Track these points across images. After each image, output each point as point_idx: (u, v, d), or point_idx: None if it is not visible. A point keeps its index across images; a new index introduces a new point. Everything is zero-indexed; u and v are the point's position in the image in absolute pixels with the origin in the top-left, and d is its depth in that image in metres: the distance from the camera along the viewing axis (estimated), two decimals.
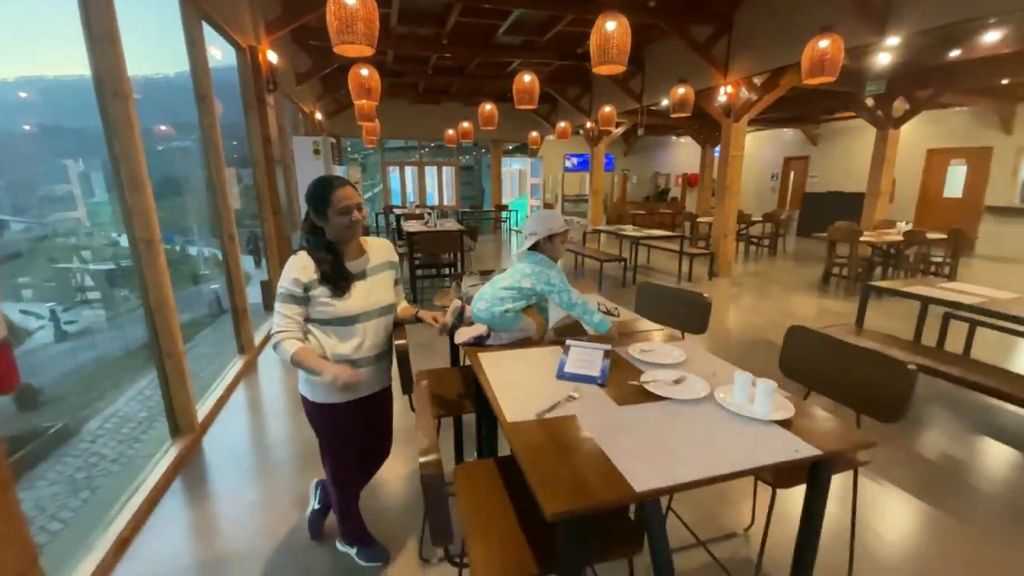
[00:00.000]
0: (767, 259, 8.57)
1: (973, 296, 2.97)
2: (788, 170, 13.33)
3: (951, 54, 5.68)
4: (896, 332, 3.87)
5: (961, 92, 7.85)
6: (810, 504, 1.15)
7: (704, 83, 6.60)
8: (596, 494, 0.87)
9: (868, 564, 1.77)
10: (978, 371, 2.58)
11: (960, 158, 9.63)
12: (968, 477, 2.29)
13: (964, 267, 7.66)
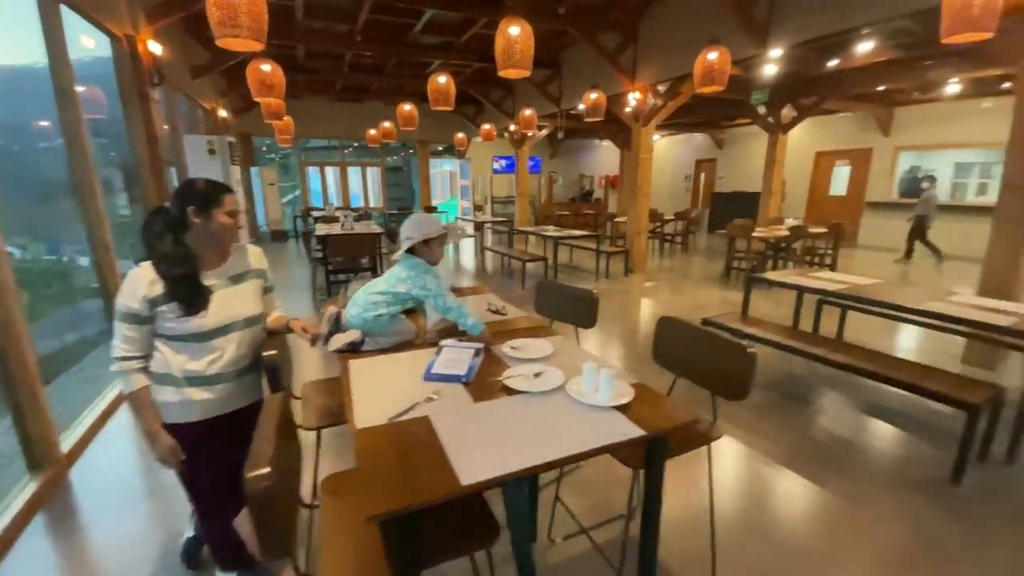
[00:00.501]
0: (680, 255, 9.15)
1: (839, 284, 3.34)
2: (699, 171, 14.32)
3: (830, 64, 6.36)
4: (780, 318, 4.28)
5: (842, 99, 8.81)
6: (648, 481, 1.24)
7: (615, 89, 6.91)
8: (419, 492, 0.89)
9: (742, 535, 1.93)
10: (841, 351, 2.90)
11: (844, 159, 10.82)
12: (838, 449, 2.58)
13: (847, 257, 8.62)
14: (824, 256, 6.88)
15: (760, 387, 3.28)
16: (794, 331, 3.37)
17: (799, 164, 11.47)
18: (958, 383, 2.37)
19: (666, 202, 15.48)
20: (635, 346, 4.18)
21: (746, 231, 6.17)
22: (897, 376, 2.45)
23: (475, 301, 2.39)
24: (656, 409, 1.22)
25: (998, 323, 2.36)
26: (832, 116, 10.60)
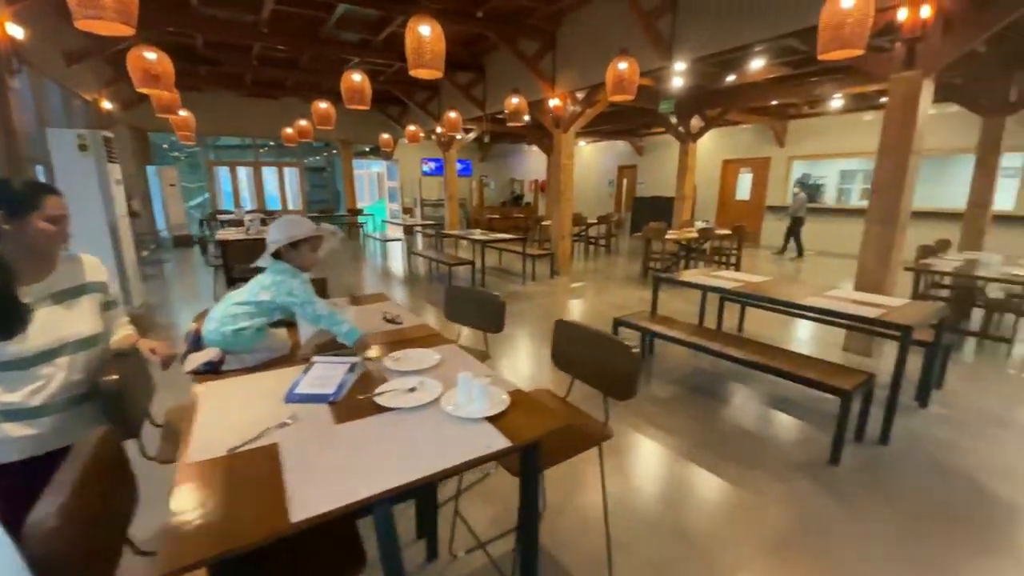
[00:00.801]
0: (604, 257, 9.45)
1: (736, 282, 3.55)
2: (622, 177, 14.95)
3: (729, 79, 6.85)
4: (690, 316, 4.50)
5: (743, 111, 9.57)
6: (523, 489, 1.20)
7: (536, 94, 7.00)
8: (235, 536, 0.77)
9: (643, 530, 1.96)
10: (735, 345, 3.07)
11: (747, 167, 11.75)
12: (735, 439, 2.71)
13: (751, 257, 9.34)
14: (730, 256, 7.39)
15: (670, 382, 3.41)
16: (698, 328, 3.54)
17: (709, 171, 12.32)
18: (834, 371, 2.58)
19: (593, 206, 16.00)
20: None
21: (660, 233, 6.48)
22: (781, 367, 2.63)
23: (371, 310, 2.25)
24: (531, 416, 1.18)
25: (865, 315, 2.61)
26: (736, 127, 11.49)
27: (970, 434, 2.72)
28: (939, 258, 4.73)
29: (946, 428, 2.77)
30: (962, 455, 2.50)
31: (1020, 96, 5.28)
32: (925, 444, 2.61)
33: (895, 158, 3.59)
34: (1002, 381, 3.46)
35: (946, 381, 3.38)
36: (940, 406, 3.04)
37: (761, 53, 5.77)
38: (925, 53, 3.41)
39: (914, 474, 2.34)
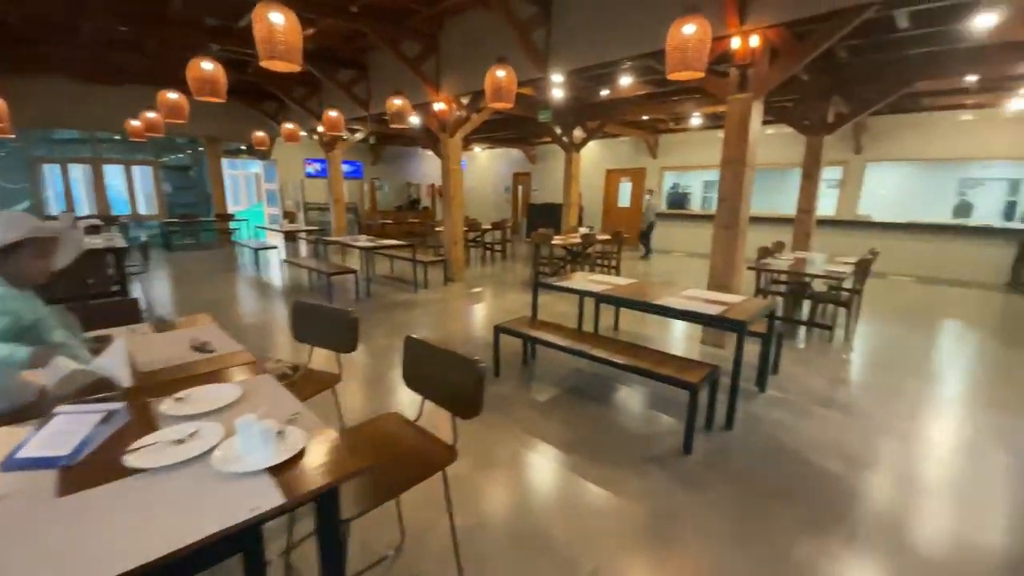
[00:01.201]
0: (499, 262, 9.53)
1: (604, 285, 3.70)
2: (517, 183, 15.31)
3: (604, 93, 7.27)
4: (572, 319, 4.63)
5: (619, 124, 10.29)
6: (321, 544, 1.04)
7: (421, 97, 6.83)
8: None
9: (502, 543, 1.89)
10: (602, 346, 3.18)
11: (627, 176, 12.67)
12: (603, 438, 2.78)
13: (633, 260, 10.04)
14: (611, 260, 7.85)
15: (550, 384, 3.45)
16: (574, 331, 3.62)
17: (594, 179, 13.09)
18: (685, 366, 2.77)
19: (491, 212, 16.16)
20: None
21: (546, 239, 6.67)
22: (637, 365, 2.76)
23: (178, 337, 1.93)
24: (331, 459, 1.03)
25: (707, 312, 2.85)
26: (615, 139, 12.36)
27: (800, 414, 3.10)
28: (775, 258, 5.43)
29: (780, 410, 3.14)
30: (794, 434, 2.83)
31: (836, 118, 6.28)
32: (764, 426, 2.91)
33: (734, 170, 4.03)
34: (825, 363, 4.04)
35: (781, 366, 3.85)
36: (776, 390, 3.44)
37: (629, 71, 6.20)
38: (755, 78, 3.87)
39: (754, 456, 2.59)
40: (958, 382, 3.68)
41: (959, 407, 3.23)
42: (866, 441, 2.75)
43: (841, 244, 9.07)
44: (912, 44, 4.77)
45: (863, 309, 5.92)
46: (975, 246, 7.98)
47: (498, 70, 4.48)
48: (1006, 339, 4.81)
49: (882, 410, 3.15)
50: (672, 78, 3.46)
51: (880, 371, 3.89)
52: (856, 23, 3.38)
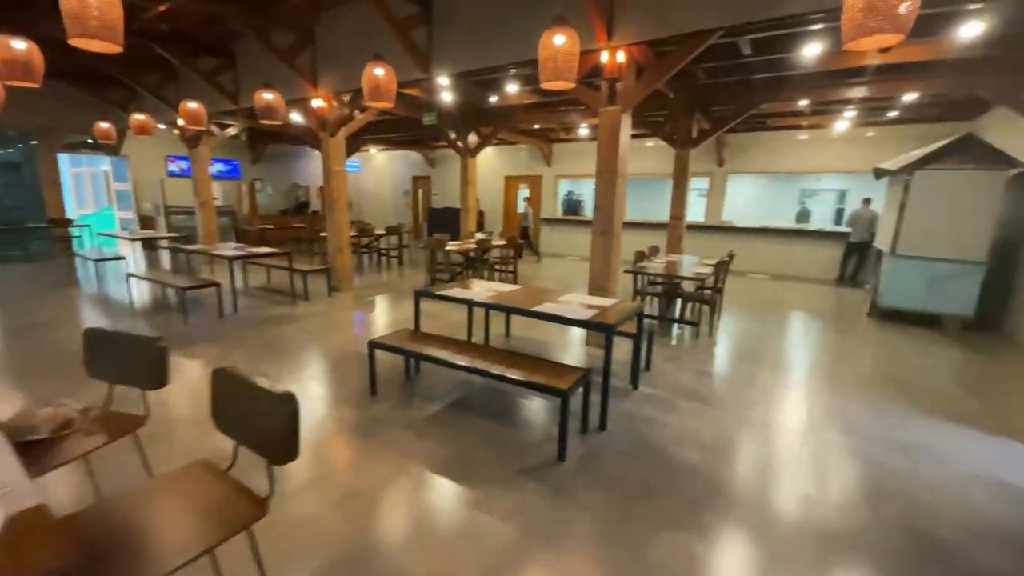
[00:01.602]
0: (395, 269, 9.15)
1: (488, 293, 3.63)
2: (417, 187, 14.94)
3: (492, 99, 7.29)
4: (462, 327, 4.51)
5: (513, 132, 10.46)
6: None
7: (297, 92, 6.30)
8: None
9: None
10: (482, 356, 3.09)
11: (524, 183, 12.94)
12: (481, 454, 2.67)
13: (531, 265, 10.24)
14: (508, 265, 7.90)
15: (432, 400, 3.28)
16: (457, 342, 3.50)
17: (493, 185, 13.21)
18: (559, 372, 2.78)
19: (390, 216, 15.58)
20: (321, 370, 3.70)
21: (441, 244, 6.50)
22: (510, 375, 2.71)
23: None
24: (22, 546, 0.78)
25: (579, 317, 2.89)
26: (513, 147, 12.57)
27: (668, 408, 3.27)
28: (650, 261, 5.82)
29: (651, 406, 3.29)
30: (662, 430, 2.97)
31: (700, 134, 6.91)
32: (635, 424, 3.02)
33: (607, 179, 4.21)
34: (692, 358, 4.36)
35: (654, 363, 4.08)
36: (648, 386, 3.62)
37: (515, 78, 6.27)
38: (623, 92, 4.08)
39: (625, 455, 2.66)
40: (799, 368, 4.18)
41: (800, 391, 3.65)
42: (722, 429, 2.98)
43: (709, 247, 10.06)
44: (756, 70, 5.39)
45: (726, 305, 6.58)
46: (812, 247, 9.31)
47: (375, 68, 4.24)
48: (835, 327, 5.62)
49: (737, 398, 3.46)
50: (546, 87, 3.51)
51: (737, 361, 4.29)
52: (705, 46, 3.70)
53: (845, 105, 7.13)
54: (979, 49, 4.34)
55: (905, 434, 2.98)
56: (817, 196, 11.77)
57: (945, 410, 3.35)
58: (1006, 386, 3.85)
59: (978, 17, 3.72)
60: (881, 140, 8.73)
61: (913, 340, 5.14)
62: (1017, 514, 2.24)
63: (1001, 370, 4.30)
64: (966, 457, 2.74)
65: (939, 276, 5.54)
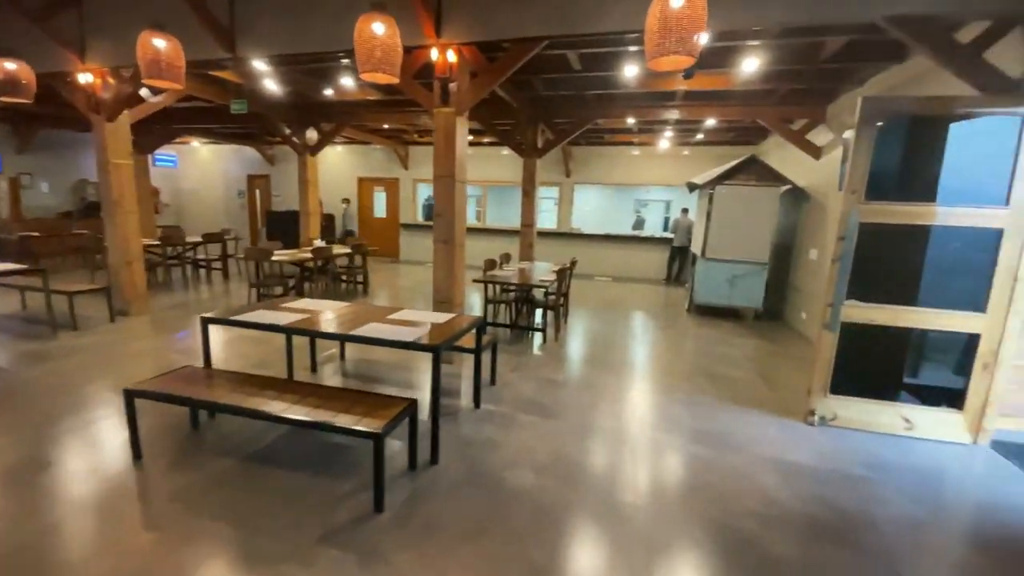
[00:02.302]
0: (218, 283, 7.79)
1: (301, 314, 3.10)
2: (254, 187, 13.15)
3: (327, 92, 6.58)
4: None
5: (366, 131, 9.74)
6: None
7: (56, 64, 4.90)
8: None
9: None
10: (284, 395, 2.59)
11: (380, 186, 12.22)
12: (280, 512, 2.17)
13: (387, 272, 9.62)
14: (357, 275, 7.25)
15: (223, 453, 2.65)
16: (253, 379, 2.87)
17: (345, 187, 12.24)
18: (377, 406, 2.41)
19: (222, 220, 13.46)
20: (48, 432, 2.75)
21: (265, 255, 5.62)
22: (314, 419, 2.26)
23: None
24: None
25: (403, 338, 2.57)
26: (368, 147, 11.79)
27: (508, 426, 3.12)
28: (502, 269, 5.77)
29: (492, 426, 3.11)
30: (499, 452, 2.79)
31: (545, 144, 7.12)
32: (472, 450, 2.80)
33: (446, 184, 3.98)
34: (537, 365, 4.34)
35: (500, 375, 3.95)
36: (491, 402, 3.46)
37: (349, 70, 5.70)
38: (457, 94, 3.88)
39: (456, 491, 2.40)
40: (630, 366, 4.43)
41: (631, 390, 3.82)
42: (557, 443, 2.92)
43: (561, 252, 10.58)
44: (589, 86, 5.69)
45: (575, 307, 6.88)
46: (646, 251, 10.37)
47: (154, 38, 3.39)
48: (662, 323, 6.21)
49: (575, 404, 3.47)
50: (366, 79, 3.13)
51: (578, 364, 4.40)
52: (532, 54, 3.68)
53: (664, 125, 8.02)
54: (759, 83, 5.13)
55: (714, 424, 3.27)
56: (648, 206, 13.24)
57: (745, 397, 3.80)
58: (787, 370, 4.56)
59: (755, 54, 4.35)
60: (693, 158, 10.09)
61: (720, 332, 5.89)
62: (795, 493, 2.52)
63: (782, 351, 5.12)
64: (759, 440, 3.08)
65: (737, 275, 6.47)
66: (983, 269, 2.98)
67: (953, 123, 3.14)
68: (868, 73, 4.68)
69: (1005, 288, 2.91)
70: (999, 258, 2.90)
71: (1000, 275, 2.91)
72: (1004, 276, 2.91)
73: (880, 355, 3.44)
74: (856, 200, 3.02)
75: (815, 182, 6.06)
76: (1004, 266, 2.90)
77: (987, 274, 2.95)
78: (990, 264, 2.94)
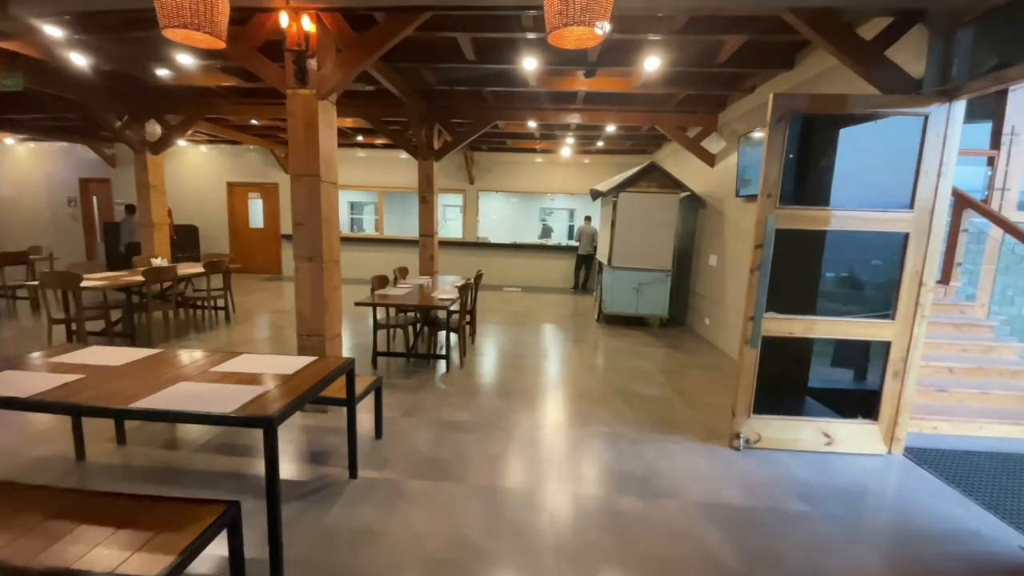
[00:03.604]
0: (23, 317, 5.97)
1: (70, 374, 2.12)
2: (90, 194, 10.78)
3: (162, 73, 5.30)
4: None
5: (227, 127, 8.29)
6: None
7: None
8: None
9: None
10: (39, 508, 1.63)
11: (256, 192, 10.64)
12: None
13: (268, 292, 8.24)
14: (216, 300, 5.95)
15: None
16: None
17: (212, 193, 10.51)
18: (170, 520, 1.57)
19: (48, 234, 10.85)
20: None
21: (71, 281, 4.25)
22: (44, 565, 1.37)
23: None
24: None
25: (217, 411, 1.75)
26: (239, 147, 10.21)
27: (393, 501, 2.39)
28: (397, 286, 4.99)
29: (370, 505, 2.35)
30: (377, 546, 2.06)
31: (442, 145, 6.45)
32: (339, 552, 2.03)
33: (307, 185, 3.15)
34: (437, 404, 3.63)
35: (388, 422, 3.20)
36: (372, 467, 2.69)
37: (182, 48, 4.55)
38: (317, 72, 3.08)
39: None
40: (543, 392, 3.92)
41: (546, 425, 3.28)
42: (455, 518, 2.26)
43: (468, 264, 9.97)
44: (486, 80, 5.15)
45: (483, 324, 6.28)
46: (554, 260, 10.15)
47: None
48: (573, 336, 5.84)
49: (480, 453, 2.84)
50: (170, 36, 2.24)
51: (487, 396, 3.78)
52: (411, 30, 3.02)
53: (566, 131, 7.79)
54: (658, 86, 4.96)
55: (639, 464, 2.83)
56: (553, 214, 13.16)
57: (666, 420, 3.45)
58: (700, 383, 4.36)
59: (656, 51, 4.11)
60: (594, 166, 10.10)
61: (631, 342, 5.67)
62: (740, 549, 2.13)
63: (692, 361, 4.97)
64: (689, 478, 2.69)
65: (643, 283, 6.35)
66: (887, 274, 2.90)
67: (843, 128, 3.08)
68: (759, 80, 4.71)
69: (911, 293, 2.84)
70: (905, 262, 2.82)
71: (907, 280, 2.83)
72: (910, 281, 2.83)
73: (790, 365, 3.28)
74: (771, 205, 2.78)
75: (711, 188, 6.12)
76: (910, 270, 2.82)
77: (894, 279, 2.87)
78: (896, 269, 2.85)
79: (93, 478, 2.51)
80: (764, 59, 4.20)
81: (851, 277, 3.29)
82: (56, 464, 2.64)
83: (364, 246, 10.42)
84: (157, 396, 1.86)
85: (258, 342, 5.17)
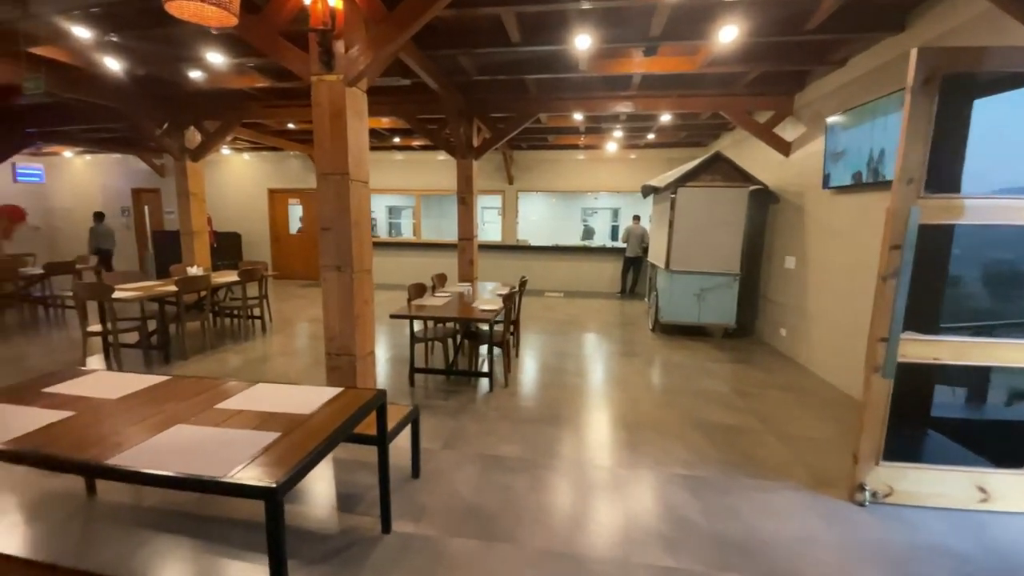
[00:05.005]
0: (70, 327, 6.00)
1: (59, 411, 1.80)
2: (142, 203, 11.10)
3: (194, 74, 5.14)
4: None
5: (268, 132, 8.22)
6: None
7: None
8: None
9: None
10: None
11: (296, 198, 10.63)
12: None
13: (307, 298, 8.10)
14: (252, 310, 5.77)
15: None
16: None
17: (253, 200, 10.58)
18: None
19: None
20: None
21: (104, 293, 4.09)
22: None
23: None
24: None
25: (207, 475, 1.34)
26: (280, 153, 10.22)
27: (431, 566, 1.94)
28: (434, 295, 4.59)
29: (403, 572, 1.91)
30: None
31: (482, 143, 6.04)
32: None
33: (337, 184, 2.77)
34: (480, 431, 3.18)
35: (426, 458, 2.76)
36: (408, 517, 2.26)
37: (216, 41, 4.33)
38: (344, 55, 2.70)
39: None
40: (601, 422, 3.39)
41: (607, 467, 2.76)
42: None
43: (508, 268, 9.52)
44: (530, 67, 4.68)
45: (525, 334, 5.80)
46: (598, 263, 9.55)
47: None
48: (627, 348, 5.26)
49: (536, 506, 2.36)
50: (175, 12, 1.90)
51: (535, 423, 3.29)
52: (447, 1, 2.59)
53: (614, 123, 7.21)
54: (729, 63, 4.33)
55: (736, 523, 2.26)
56: (596, 214, 12.52)
57: (758, 461, 2.85)
58: (789, 408, 3.70)
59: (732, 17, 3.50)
60: (641, 162, 9.43)
61: (694, 356, 5.03)
62: None
63: (772, 380, 4.29)
64: (807, 547, 2.10)
65: (706, 289, 5.68)
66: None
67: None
68: (854, 49, 3.99)
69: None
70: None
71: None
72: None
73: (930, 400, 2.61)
74: (914, 193, 2.15)
75: (786, 180, 5.39)
76: None
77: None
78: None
79: (99, 522, 2.20)
80: (865, 21, 3.51)
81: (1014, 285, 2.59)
82: (65, 501, 2.35)
83: (401, 251, 10.19)
84: (144, 446, 1.49)
85: (292, 355, 4.90)
